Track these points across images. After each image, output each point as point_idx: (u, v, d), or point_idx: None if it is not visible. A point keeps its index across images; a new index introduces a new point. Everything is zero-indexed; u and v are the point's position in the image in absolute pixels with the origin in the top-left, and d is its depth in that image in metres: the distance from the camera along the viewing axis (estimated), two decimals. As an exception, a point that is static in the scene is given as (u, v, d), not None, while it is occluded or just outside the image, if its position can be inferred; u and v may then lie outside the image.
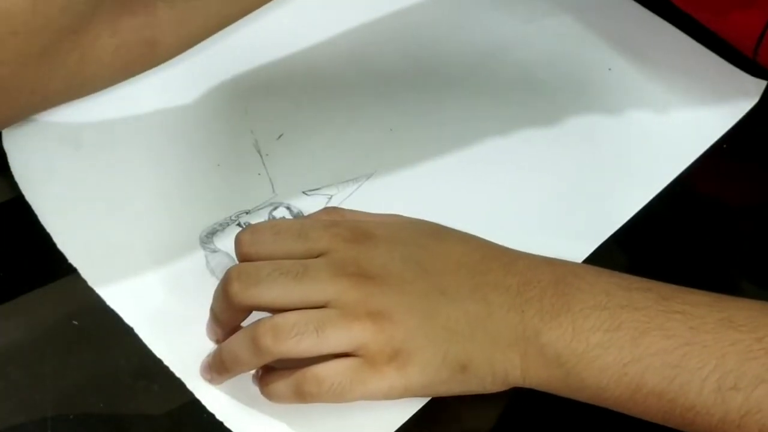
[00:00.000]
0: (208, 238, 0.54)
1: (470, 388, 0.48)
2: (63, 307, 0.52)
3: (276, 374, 0.47)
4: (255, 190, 0.57)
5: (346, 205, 0.56)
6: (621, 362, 0.45)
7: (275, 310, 0.46)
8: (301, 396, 0.46)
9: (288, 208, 0.56)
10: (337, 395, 0.46)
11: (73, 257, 0.53)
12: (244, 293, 0.46)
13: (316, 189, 0.58)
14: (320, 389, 0.46)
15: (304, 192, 0.57)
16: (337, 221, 0.51)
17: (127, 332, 0.51)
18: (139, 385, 0.50)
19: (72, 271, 0.53)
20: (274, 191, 0.57)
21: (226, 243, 0.54)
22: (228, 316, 0.49)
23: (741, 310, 0.46)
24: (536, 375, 0.47)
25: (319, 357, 0.46)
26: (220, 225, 0.55)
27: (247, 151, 0.59)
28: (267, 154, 0.59)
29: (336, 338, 0.46)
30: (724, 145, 0.62)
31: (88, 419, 0.49)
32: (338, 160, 0.59)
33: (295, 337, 0.45)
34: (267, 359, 0.46)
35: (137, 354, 0.51)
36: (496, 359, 0.47)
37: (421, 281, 0.48)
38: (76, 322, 0.52)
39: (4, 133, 0.57)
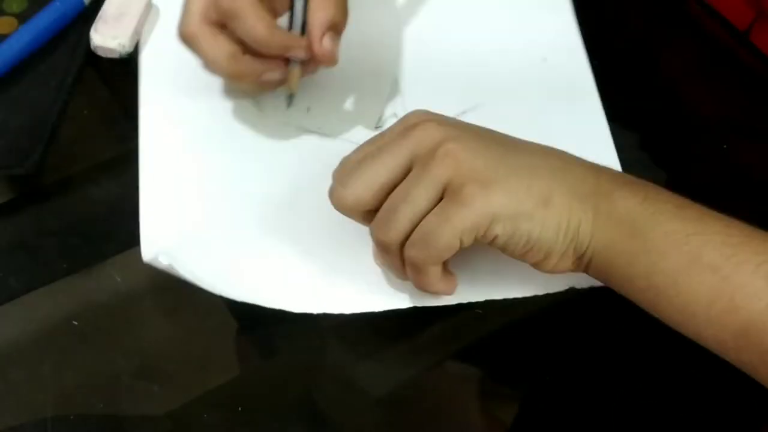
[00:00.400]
0: None
1: (547, 236, 0.47)
2: (63, 308, 0.52)
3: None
4: (339, 155, 0.56)
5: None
6: (685, 231, 0.46)
7: (381, 197, 0.48)
8: (413, 266, 0.48)
9: None
10: (430, 244, 0.47)
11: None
12: (342, 195, 0.49)
13: (380, 121, 0.61)
14: (417, 250, 0.47)
15: (377, 127, 0.60)
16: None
17: (127, 333, 0.52)
18: (138, 386, 0.50)
19: (72, 271, 0.54)
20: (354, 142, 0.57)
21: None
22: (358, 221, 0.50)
23: None
24: (603, 233, 0.47)
25: None
26: None
27: (301, 139, 0.60)
28: (319, 128, 0.60)
29: (423, 191, 0.47)
30: (725, 146, 0.62)
31: (88, 420, 0.49)
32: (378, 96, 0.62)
33: (392, 219, 0.47)
34: (390, 251, 0.49)
35: (137, 354, 0.51)
36: (574, 207, 0.47)
37: (500, 138, 0.50)
38: (75, 323, 0.52)
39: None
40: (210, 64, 0.54)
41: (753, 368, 0.46)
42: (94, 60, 0.62)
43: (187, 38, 0.53)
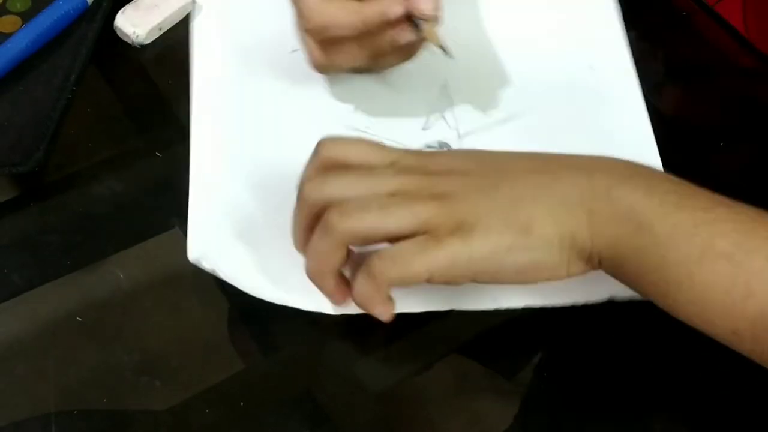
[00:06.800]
0: None
1: (539, 256, 0.47)
2: (66, 304, 0.53)
3: (356, 280, 0.48)
4: None
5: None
6: (693, 222, 0.46)
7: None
8: (372, 276, 0.47)
9: (429, 146, 0.60)
10: (400, 266, 0.47)
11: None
12: (315, 189, 0.48)
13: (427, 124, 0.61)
14: (384, 263, 0.47)
15: (423, 129, 0.60)
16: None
17: (130, 329, 0.52)
18: (141, 381, 0.50)
19: (75, 268, 0.54)
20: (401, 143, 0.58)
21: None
22: (304, 215, 0.49)
23: None
24: (604, 232, 0.47)
25: None
26: None
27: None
28: (367, 127, 0.60)
29: (399, 215, 0.47)
30: (722, 143, 0.62)
31: (91, 415, 0.49)
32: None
33: (359, 213, 0.47)
34: (337, 239, 0.47)
35: (140, 350, 0.51)
36: (562, 219, 0.47)
37: (483, 169, 0.49)
38: (79, 319, 0.52)
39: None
40: (353, 67, 0.58)
41: None
42: (97, 58, 0.63)
43: (321, 68, 0.58)
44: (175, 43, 0.64)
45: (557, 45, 0.65)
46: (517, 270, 0.47)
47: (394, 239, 0.47)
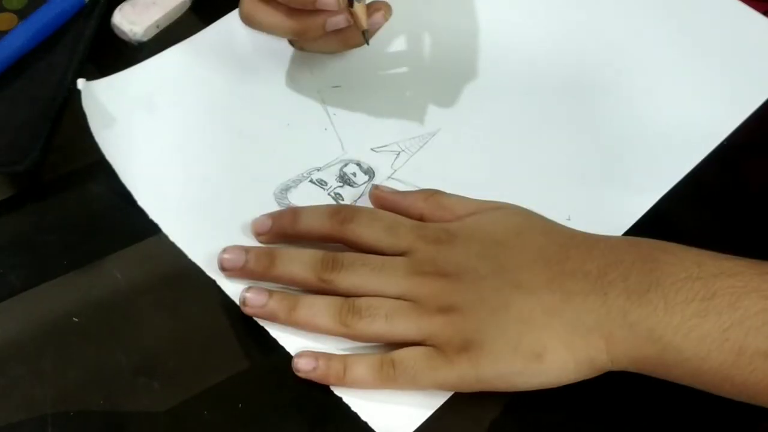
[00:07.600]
0: (282, 193, 0.57)
1: (553, 378, 0.47)
2: (63, 304, 0.52)
3: (356, 361, 0.49)
4: (325, 147, 0.59)
5: (412, 162, 0.59)
6: (721, 328, 0.44)
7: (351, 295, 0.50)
8: (379, 379, 0.48)
9: (358, 164, 0.59)
10: (411, 379, 0.48)
11: (154, 214, 0.55)
12: (327, 275, 0.50)
13: (383, 146, 0.59)
14: (396, 372, 0.48)
15: (372, 149, 0.59)
16: (424, 224, 0.52)
17: (127, 329, 0.52)
18: (139, 382, 0.50)
19: (72, 268, 0.54)
20: (343, 149, 0.59)
21: (299, 198, 0.57)
22: (305, 274, 0.51)
23: None
24: (626, 356, 0.46)
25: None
26: (293, 181, 0.57)
27: (315, 110, 0.61)
28: (334, 114, 0.61)
29: (404, 327, 0.48)
30: (725, 142, 0.62)
31: (88, 416, 0.49)
32: (403, 117, 0.61)
33: (368, 318, 0.48)
34: (341, 332, 0.49)
35: (137, 351, 0.51)
36: (576, 346, 0.46)
37: (495, 277, 0.49)
38: (76, 319, 0.52)
39: (83, 94, 0.58)
40: (275, 32, 0.57)
41: None
42: (94, 56, 0.62)
43: (246, 20, 0.57)
44: (172, 40, 0.64)
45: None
46: (530, 388, 0.48)
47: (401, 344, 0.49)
